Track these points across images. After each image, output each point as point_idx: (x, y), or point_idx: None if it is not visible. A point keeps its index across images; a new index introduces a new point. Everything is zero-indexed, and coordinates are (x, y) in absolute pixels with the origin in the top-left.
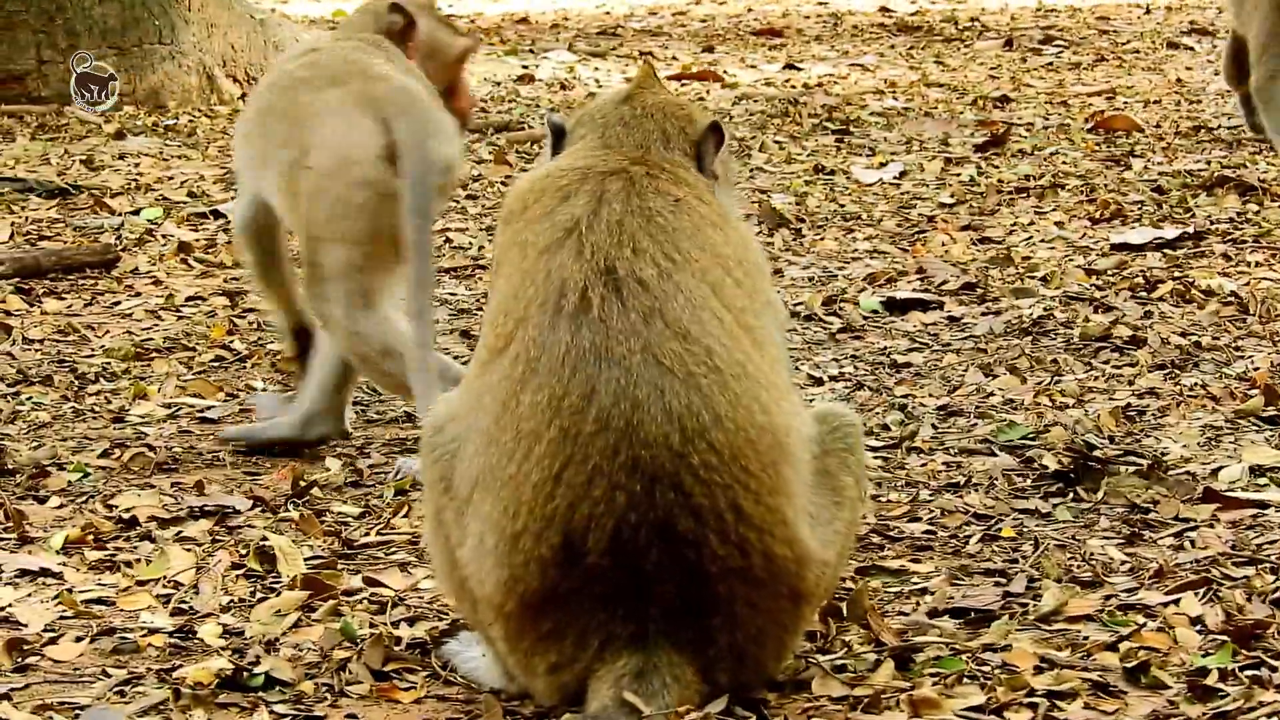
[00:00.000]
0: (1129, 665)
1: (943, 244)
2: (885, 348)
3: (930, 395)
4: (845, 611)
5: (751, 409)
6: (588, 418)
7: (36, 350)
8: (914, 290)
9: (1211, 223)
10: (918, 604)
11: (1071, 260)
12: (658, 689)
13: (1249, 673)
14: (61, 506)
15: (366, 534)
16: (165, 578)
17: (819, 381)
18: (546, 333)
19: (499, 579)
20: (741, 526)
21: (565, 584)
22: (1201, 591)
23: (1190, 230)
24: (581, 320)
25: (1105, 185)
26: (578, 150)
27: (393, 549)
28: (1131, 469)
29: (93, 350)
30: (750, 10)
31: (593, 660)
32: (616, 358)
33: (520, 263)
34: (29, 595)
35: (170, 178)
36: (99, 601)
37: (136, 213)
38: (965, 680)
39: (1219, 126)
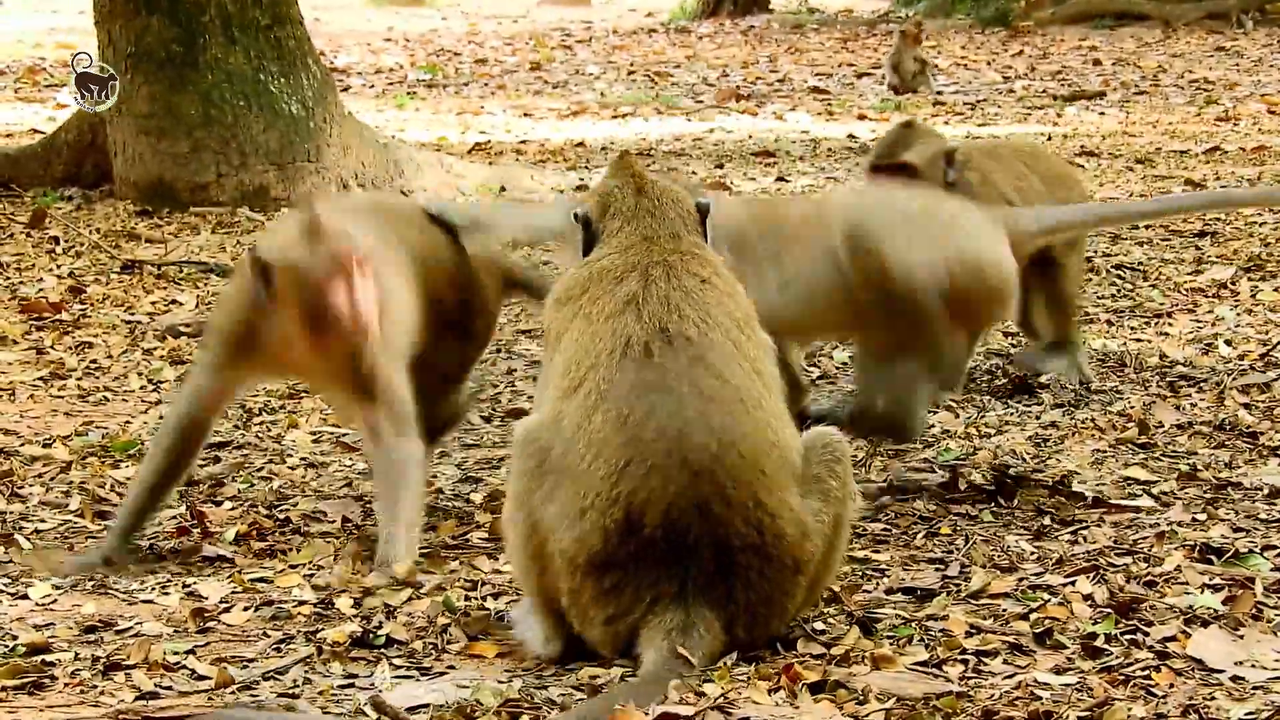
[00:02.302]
0: (1037, 631)
1: None
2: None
3: None
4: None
5: (766, 431)
6: (648, 428)
7: None
8: None
9: (1098, 298)
10: (877, 584)
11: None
12: (696, 642)
13: (1127, 636)
14: (234, 509)
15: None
16: (311, 562)
17: None
18: (616, 372)
19: (574, 536)
20: (758, 511)
21: (625, 548)
22: (1091, 575)
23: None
24: (645, 364)
25: None
26: (623, 242)
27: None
28: (1038, 484)
29: (256, 391)
30: (751, 137)
31: (645, 613)
32: (671, 389)
33: (587, 328)
34: (209, 575)
35: None
36: (261, 580)
37: None
38: (914, 642)
39: None
